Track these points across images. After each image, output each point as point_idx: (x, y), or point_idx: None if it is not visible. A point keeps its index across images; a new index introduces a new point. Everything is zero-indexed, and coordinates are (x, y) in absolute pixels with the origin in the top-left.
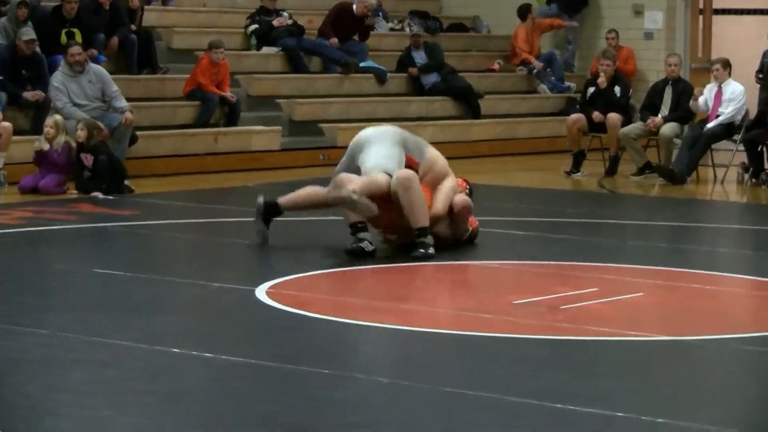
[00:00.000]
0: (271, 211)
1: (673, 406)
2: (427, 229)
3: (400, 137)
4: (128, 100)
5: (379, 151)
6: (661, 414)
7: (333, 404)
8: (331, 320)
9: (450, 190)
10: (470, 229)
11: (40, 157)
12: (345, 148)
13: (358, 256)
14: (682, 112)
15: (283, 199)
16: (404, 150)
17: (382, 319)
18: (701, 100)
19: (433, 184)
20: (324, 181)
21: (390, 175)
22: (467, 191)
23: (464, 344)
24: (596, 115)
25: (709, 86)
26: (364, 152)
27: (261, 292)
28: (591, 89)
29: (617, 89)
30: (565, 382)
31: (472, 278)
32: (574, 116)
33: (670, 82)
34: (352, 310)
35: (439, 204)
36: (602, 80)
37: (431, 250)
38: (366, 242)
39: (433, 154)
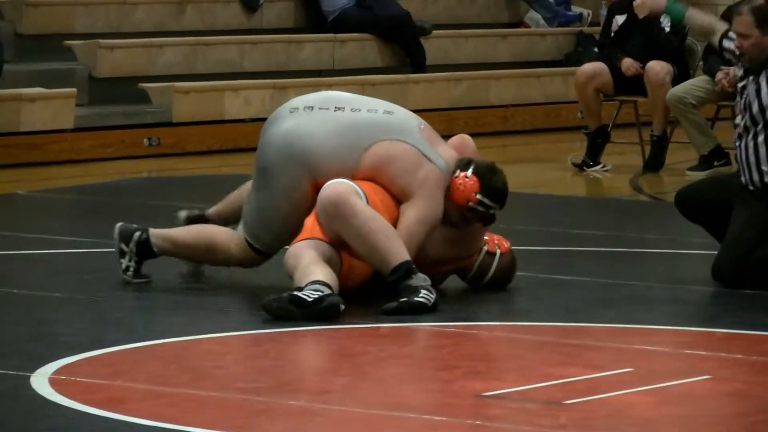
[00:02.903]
0: (144, 251)
1: None
2: (409, 263)
3: (305, 162)
4: None
5: (253, 202)
6: None
7: None
8: (168, 430)
9: (416, 224)
10: (496, 251)
11: None
12: (186, 125)
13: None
14: None
15: (161, 236)
16: (308, 177)
17: (259, 428)
18: None
19: (389, 205)
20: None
21: (255, 248)
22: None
23: None
24: (628, 64)
25: None
26: (253, 182)
27: (41, 380)
28: (619, 19)
29: (664, 20)
30: None
31: (418, 352)
32: (590, 67)
33: None
34: (207, 412)
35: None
36: (639, 2)
37: (432, 295)
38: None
39: (390, 149)
